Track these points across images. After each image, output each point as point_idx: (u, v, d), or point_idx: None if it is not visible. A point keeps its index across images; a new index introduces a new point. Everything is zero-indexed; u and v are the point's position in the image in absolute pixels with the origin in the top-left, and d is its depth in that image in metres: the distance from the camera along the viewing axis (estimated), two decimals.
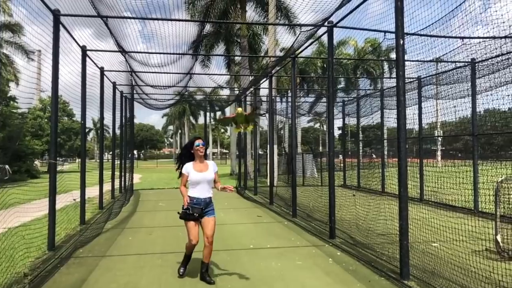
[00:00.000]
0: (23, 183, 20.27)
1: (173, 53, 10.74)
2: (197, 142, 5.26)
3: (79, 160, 10.32)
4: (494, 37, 8.11)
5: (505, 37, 7.60)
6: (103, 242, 7.46)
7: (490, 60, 9.94)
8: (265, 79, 14.67)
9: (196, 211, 5.06)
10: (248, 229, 8.88)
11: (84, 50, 9.52)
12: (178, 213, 5.21)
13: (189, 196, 5.14)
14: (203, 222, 5.13)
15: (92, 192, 11.82)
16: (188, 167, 5.20)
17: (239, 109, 6.77)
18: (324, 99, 21.02)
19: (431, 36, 8.91)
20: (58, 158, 7.95)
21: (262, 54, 25.04)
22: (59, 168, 7.74)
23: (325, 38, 8.46)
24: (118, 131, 15.98)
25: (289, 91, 22.80)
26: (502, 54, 9.28)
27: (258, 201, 13.46)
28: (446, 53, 10.09)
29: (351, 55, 33.38)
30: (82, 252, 6.70)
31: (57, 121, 7.27)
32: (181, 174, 5.30)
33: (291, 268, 5.74)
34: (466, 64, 10.83)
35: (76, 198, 9.86)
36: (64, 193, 8.18)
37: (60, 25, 7.19)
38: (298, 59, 16.30)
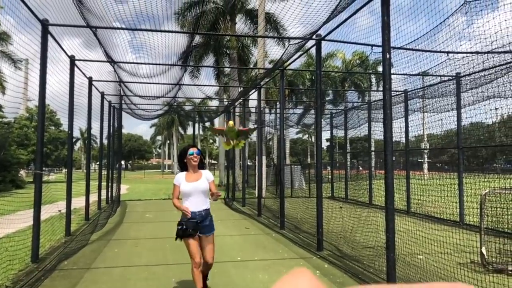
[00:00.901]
0: (8, 193, 19.92)
1: (163, 64, 10.75)
2: (191, 150, 4.75)
3: (66, 170, 10.21)
4: (477, 52, 8.30)
5: (488, 52, 7.78)
6: (89, 254, 7.36)
7: (474, 74, 10.15)
8: (254, 90, 14.75)
9: (190, 225, 4.54)
10: (236, 241, 8.84)
11: (72, 59, 9.48)
12: (176, 236, 4.66)
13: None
14: (202, 242, 4.65)
15: (78, 202, 11.68)
16: (179, 178, 4.75)
17: (231, 123, 6.05)
18: (312, 111, 21.17)
19: (417, 50, 9.07)
20: (44, 168, 7.87)
21: (252, 66, 25.20)
22: (45, 178, 7.65)
23: (313, 51, 8.55)
24: (105, 141, 15.87)
25: (277, 103, 22.93)
26: (485, 70, 9.48)
27: (246, 213, 13.42)
28: (432, 67, 10.29)
29: (339, 67, 33.74)
30: (66, 264, 6.59)
31: (43, 131, 7.20)
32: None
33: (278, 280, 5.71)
34: (451, 78, 11.03)
35: (61, 209, 9.73)
36: (49, 204, 8.07)
37: (49, 35, 7.17)
38: (287, 71, 16.44)
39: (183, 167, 4.86)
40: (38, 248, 6.77)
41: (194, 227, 4.57)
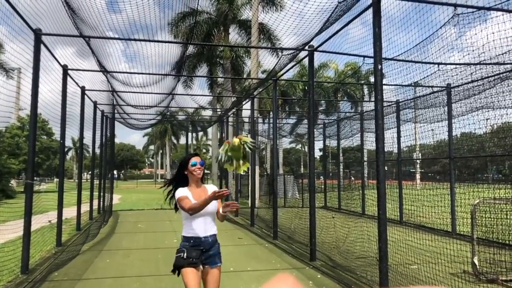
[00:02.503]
0: None
1: (156, 74, 10.77)
2: (194, 160, 3.68)
3: (57, 179, 10.13)
4: (467, 64, 8.41)
5: (478, 63, 7.88)
6: (80, 265, 7.28)
7: (465, 85, 10.27)
8: (247, 100, 14.80)
9: (194, 254, 3.56)
10: (229, 251, 8.78)
11: (65, 69, 9.46)
12: (174, 268, 3.62)
13: (183, 236, 3.66)
14: (205, 274, 3.67)
15: (69, 212, 11.57)
16: (184, 192, 3.64)
17: (236, 140, 4.13)
18: (305, 121, 21.25)
19: (408, 61, 9.18)
20: (35, 178, 7.80)
21: (245, 76, 25.30)
22: (36, 188, 7.58)
23: (306, 62, 8.62)
24: (98, 151, 15.79)
25: (271, 113, 22.99)
26: (473, 81, 9.60)
27: (239, 223, 13.36)
28: (424, 78, 10.40)
29: (331, 78, 33.96)
30: (57, 276, 6.50)
31: (35, 140, 7.16)
32: (171, 197, 3.82)
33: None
34: (442, 88, 11.15)
35: (51, 219, 9.62)
36: (40, 214, 7.99)
37: (41, 44, 7.16)
38: (280, 81, 16.51)
39: (180, 179, 3.79)
40: (28, 258, 6.68)
41: (199, 256, 3.62)
